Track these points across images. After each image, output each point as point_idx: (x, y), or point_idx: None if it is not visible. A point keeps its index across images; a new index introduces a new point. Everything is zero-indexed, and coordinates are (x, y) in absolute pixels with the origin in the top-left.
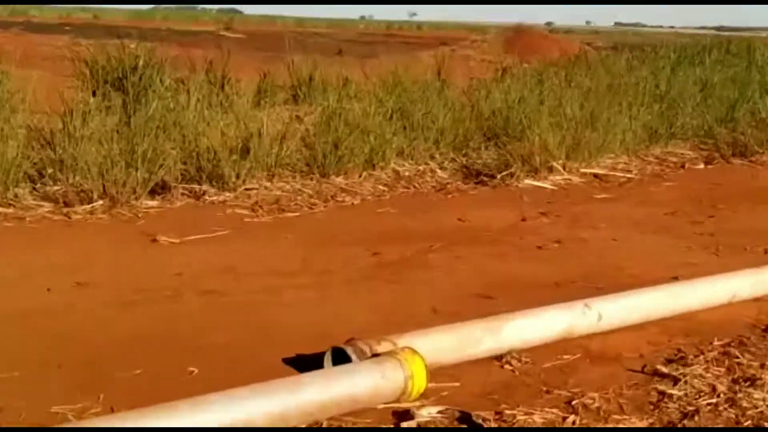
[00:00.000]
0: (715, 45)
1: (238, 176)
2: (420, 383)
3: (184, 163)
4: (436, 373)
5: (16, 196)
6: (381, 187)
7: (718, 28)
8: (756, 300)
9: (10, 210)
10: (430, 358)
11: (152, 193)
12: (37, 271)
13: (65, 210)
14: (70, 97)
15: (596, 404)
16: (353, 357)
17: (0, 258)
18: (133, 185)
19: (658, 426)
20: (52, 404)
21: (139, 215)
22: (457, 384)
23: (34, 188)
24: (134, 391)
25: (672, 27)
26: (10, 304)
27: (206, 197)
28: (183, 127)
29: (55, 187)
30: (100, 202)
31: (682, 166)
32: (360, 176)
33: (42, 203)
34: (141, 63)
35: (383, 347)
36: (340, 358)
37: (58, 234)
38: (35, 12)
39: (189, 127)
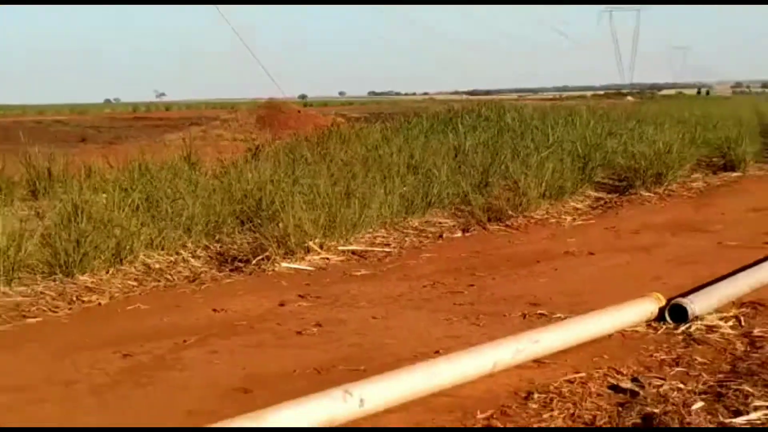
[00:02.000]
0: (468, 110)
1: None
2: None
3: None
4: None
5: None
6: (130, 282)
7: (471, 92)
8: (517, 367)
9: None
10: None
11: None
12: None
13: None
14: None
15: None
16: None
17: None
18: None
19: None
20: None
21: None
22: None
23: None
24: None
25: (426, 93)
26: None
27: None
28: None
29: None
30: None
31: (440, 236)
32: (107, 272)
33: None
34: None
35: None
36: None
37: None
38: None
39: None
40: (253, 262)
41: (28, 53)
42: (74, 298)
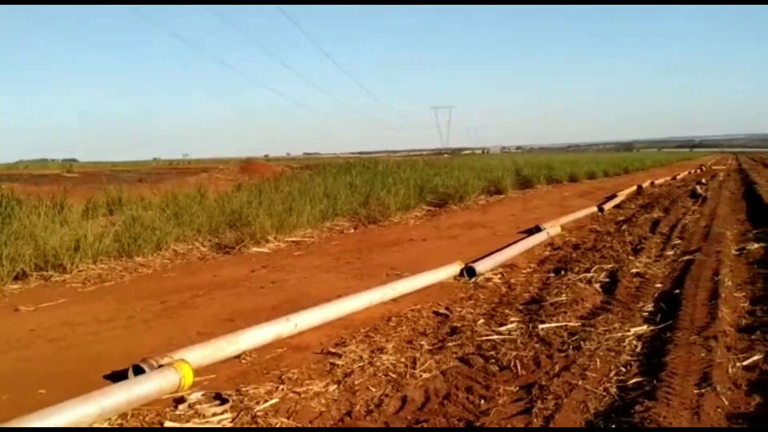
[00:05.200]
0: (358, 163)
1: (72, 263)
2: (188, 380)
3: (37, 258)
4: (202, 371)
5: None
6: (166, 261)
7: (360, 153)
8: (383, 303)
9: None
10: (196, 362)
11: (15, 279)
12: None
13: None
14: None
15: (296, 376)
16: (146, 369)
17: None
18: (1, 276)
19: (331, 382)
20: None
21: (6, 296)
22: (214, 376)
23: None
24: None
25: (334, 153)
26: None
27: (52, 279)
28: (36, 236)
29: None
30: None
31: (342, 232)
32: (152, 255)
33: None
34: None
35: (165, 360)
36: (140, 370)
37: None
38: None
39: (39, 236)
40: (236, 248)
41: (108, 127)
42: (133, 270)
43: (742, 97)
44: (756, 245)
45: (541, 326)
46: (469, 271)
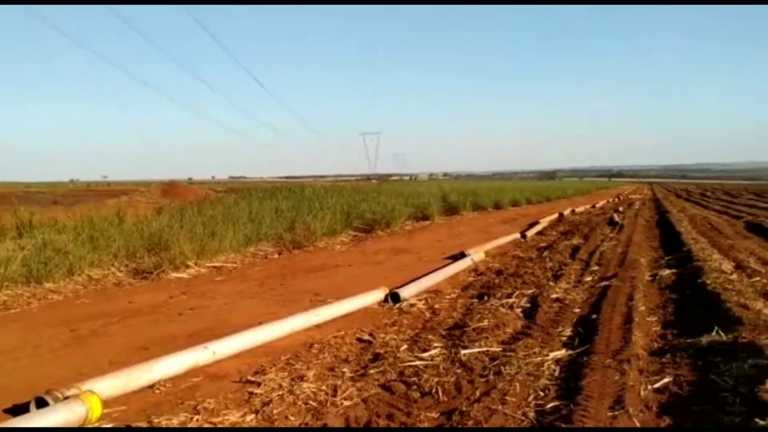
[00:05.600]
0: (285, 187)
1: None
2: (96, 412)
3: None
4: (113, 402)
5: None
6: (79, 287)
7: (288, 177)
8: (306, 330)
9: None
10: (106, 393)
11: None
12: None
13: None
14: None
15: (212, 406)
16: (50, 401)
17: None
18: None
19: (249, 412)
20: None
21: None
22: (125, 407)
23: None
24: None
25: (261, 177)
26: None
27: None
28: None
29: None
30: None
31: (266, 257)
32: (64, 282)
33: None
34: None
35: (72, 392)
36: (44, 403)
37: None
38: None
39: None
40: (155, 273)
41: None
42: (42, 297)
43: (657, 132)
44: (668, 271)
45: (463, 352)
46: (394, 297)
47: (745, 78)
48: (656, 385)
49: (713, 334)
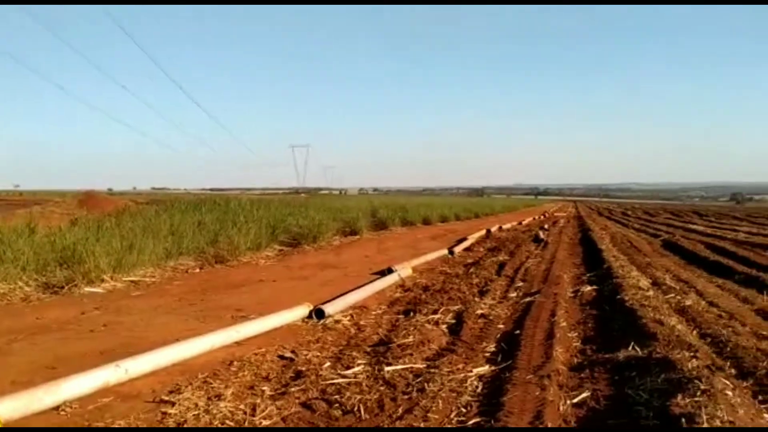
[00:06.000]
0: (209, 199)
1: None
2: None
3: None
4: (12, 425)
5: None
6: None
7: (213, 189)
8: (226, 347)
9: None
10: (5, 416)
11: None
12: None
13: None
14: None
15: (121, 427)
16: None
17: None
18: None
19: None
20: None
21: None
22: None
23: None
24: None
25: (185, 189)
26: None
27: None
28: None
29: None
30: None
31: (187, 271)
32: None
33: None
34: None
35: None
36: None
37: None
38: None
39: None
40: (66, 288)
41: None
42: None
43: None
44: (589, 287)
45: (387, 368)
46: (318, 313)
47: (667, 102)
48: (575, 400)
49: (630, 349)
